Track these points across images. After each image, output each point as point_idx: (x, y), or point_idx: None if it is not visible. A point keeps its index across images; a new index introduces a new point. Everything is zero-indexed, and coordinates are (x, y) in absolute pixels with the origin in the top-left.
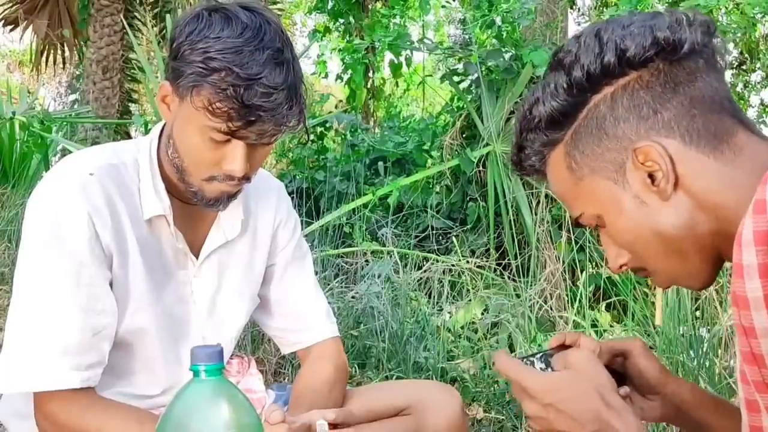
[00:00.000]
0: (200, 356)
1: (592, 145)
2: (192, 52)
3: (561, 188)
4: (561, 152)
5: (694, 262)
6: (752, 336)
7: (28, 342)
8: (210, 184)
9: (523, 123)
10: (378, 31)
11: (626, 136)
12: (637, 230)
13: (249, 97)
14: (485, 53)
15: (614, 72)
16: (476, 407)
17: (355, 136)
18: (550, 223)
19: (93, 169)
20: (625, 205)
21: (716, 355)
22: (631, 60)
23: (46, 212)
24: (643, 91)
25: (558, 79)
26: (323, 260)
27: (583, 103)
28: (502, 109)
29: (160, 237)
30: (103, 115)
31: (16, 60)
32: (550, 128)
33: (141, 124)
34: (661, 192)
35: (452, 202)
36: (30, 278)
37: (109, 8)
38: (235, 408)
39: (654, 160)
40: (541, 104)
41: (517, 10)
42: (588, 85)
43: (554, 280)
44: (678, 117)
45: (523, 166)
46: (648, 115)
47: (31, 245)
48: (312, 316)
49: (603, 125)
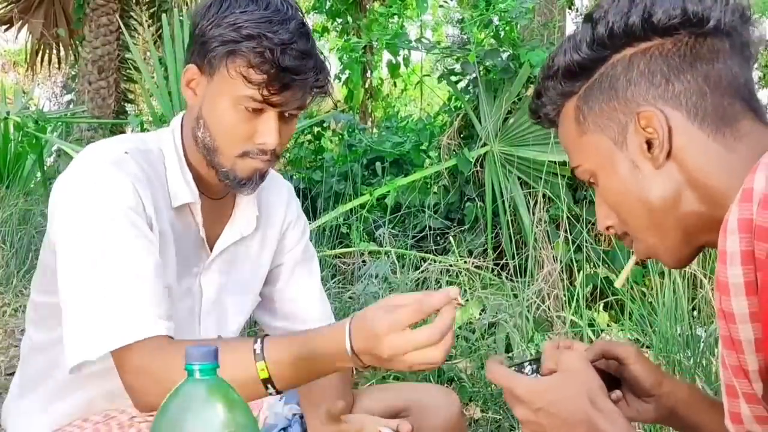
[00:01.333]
0: (194, 355)
1: (601, 102)
2: (219, 27)
3: (565, 138)
4: (573, 104)
5: (673, 238)
6: (731, 321)
7: (106, 302)
8: (243, 161)
9: (544, 71)
10: (376, 31)
11: (635, 99)
12: (626, 193)
13: (284, 61)
14: (483, 53)
15: (637, 34)
16: (473, 407)
17: (352, 136)
18: (547, 223)
19: (126, 149)
20: (620, 166)
21: (713, 354)
22: (656, 26)
23: (88, 185)
24: (662, 59)
25: (583, 32)
26: (320, 261)
27: (602, 60)
28: (499, 109)
29: (184, 227)
30: (99, 115)
31: (10, 60)
32: (567, 79)
33: (137, 124)
34: (654, 159)
35: (450, 202)
36: (91, 243)
37: (105, 8)
38: (229, 408)
39: (654, 127)
40: (563, 54)
41: (515, 9)
42: (609, 43)
43: (552, 280)
44: (688, 91)
45: (539, 113)
46: (660, 83)
47: (78, 216)
48: (316, 320)
49: (615, 85)
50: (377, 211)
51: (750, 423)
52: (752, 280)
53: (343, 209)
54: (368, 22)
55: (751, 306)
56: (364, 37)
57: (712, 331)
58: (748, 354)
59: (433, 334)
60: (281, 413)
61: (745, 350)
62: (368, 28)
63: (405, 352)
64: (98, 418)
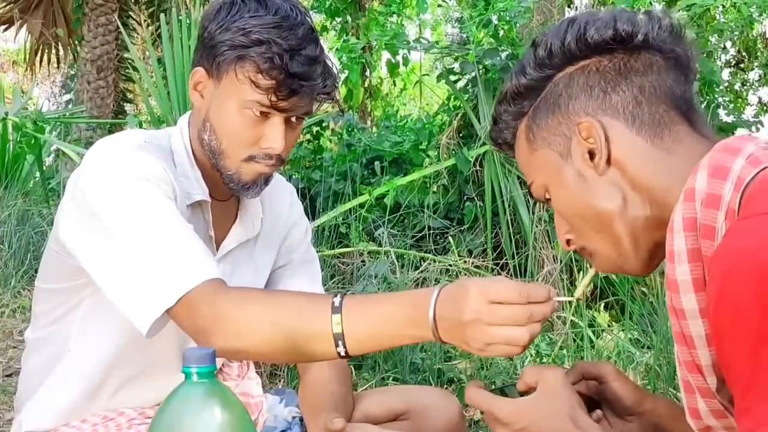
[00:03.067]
0: (192, 358)
1: (546, 119)
2: (229, 31)
3: (520, 158)
4: (524, 125)
5: (625, 244)
6: (682, 317)
7: (156, 257)
8: (248, 165)
9: (498, 96)
10: (375, 30)
11: (576, 112)
12: (575, 203)
13: (293, 67)
14: (482, 52)
15: (575, 53)
16: (473, 409)
17: (351, 136)
18: (547, 223)
19: (146, 140)
20: (567, 177)
21: None
22: (590, 44)
23: (118, 161)
24: (599, 74)
25: (528, 56)
26: (319, 260)
27: (546, 79)
28: None
29: (194, 224)
30: (98, 114)
31: (9, 59)
32: (515, 101)
33: (135, 124)
34: (596, 167)
35: (449, 201)
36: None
37: (104, 7)
38: (227, 411)
39: (593, 136)
40: (510, 79)
41: (514, 9)
42: (549, 62)
43: (552, 280)
44: (624, 101)
45: (498, 140)
46: (598, 95)
47: (114, 186)
48: None
49: (558, 101)
50: (376, 211)
51: (708, 417)
52: (700, 276)
53: (343, 209)
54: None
55: (700, 302)
56: (362, 37)
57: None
58: (699, 348)
59: (522, 312)
60: (281, 415)
61: (697, 345)
62: (367, 28)
63: (488, 323)
64: (96, 420)
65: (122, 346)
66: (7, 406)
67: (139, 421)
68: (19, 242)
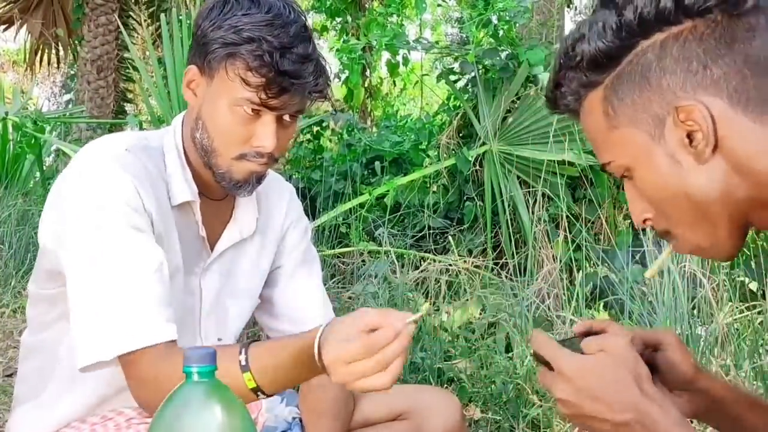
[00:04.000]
0: (193, 358)
1: (632, 94)
2: (221, 29)
3: (593, 133)
4: (599, 96)
5: (721, 231)
6: None
7: (115, 304)
8: (240, 163)
9: (563, 59)
10: (375, 30)
11: (671, 89)
12: (667, 189)
13: (283, 65)
14: (482, 52)
15: (669, 18)
16: (473, 408)
17: (351, 136)
18: (547, 222)
19: (127, 146)
20: (658, 161)
21: (713, 354)
22: (689, 8)
23: (90, 183)
24: (696, 43)
25: (607, 18)
26: (320, 260)
27: (630, 47)
28: (498, 108)
29: (184, 225)
30: (98, 114)
31: (9, 59)
32: (592, 69)
33: (135, 123)
34: (698, 153)
35: (449, 201)
36: (95, 245)
37: (104, 7)
38: (227, 410)
39: (695, 120)
40: (585, 42)
41: (514, 9)
42: (639, 29)
43: (551, 280)
44: (728, 75)
45: (557, 104)
46: (697, 69)
47: (85, 215)
48: (317, 322)
49: (647, 74)
50: (376, 211)
51: None
52: None
53: (343, 209)
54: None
55: None
56: (363, 37)
57: (712, 330)
58: None
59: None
60: (281, 415)
61: None
62: (367, 28)
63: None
64: (95, 420)
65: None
66: (6, 406)
67: (138, 420)
68: (20, 242)
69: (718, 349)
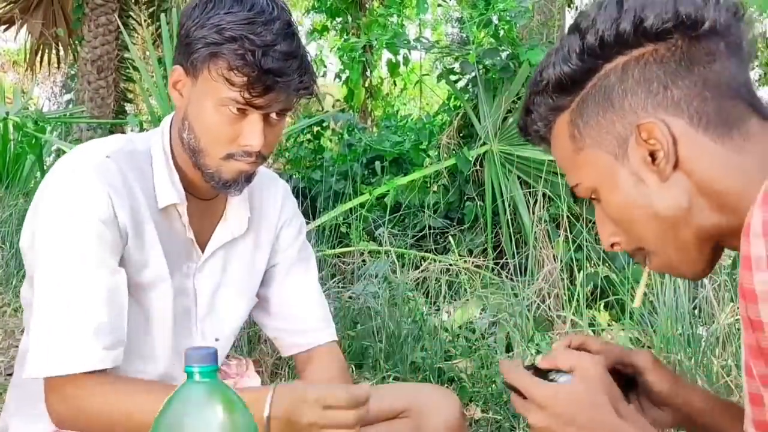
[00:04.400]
0: (194, 358)
1: (596, 116)
2: (203, 28)
3: (561, 156)
4: (565, 119)
5: (689, 248)
6: (759, 330)
7: (58, 324)
8: (227, 163)
9: (532, 85)
10: (375, 30)
11: (633, 109)
12: (632, 209)
13: (266, 63)
14: (482, 52)
15: (629, 41)
16: (474, 407)
17: (352, 136)
18: (547, 222)
19: (109, 152)
20: (623, 181)
21: (714, 354)
22: (648, 31)
23: (63, 194)
24: (657, 65)
25: (572, 43)
26: (320, 260)
27: (593, 70)
28: (499, 108)
29: (172, 228)
30: (98, 115)
31: (10, 59)
32: (558, 93)
33: (136, 123)
34: (660, 172)
35: (449, 201)
36: (53, 261)
37: (104, 7)
38: (229, 410)
39: (656, 139)
40: (551, 67)
41: (515, 9)
42: (601, 52)
43: (552, 279)
44: (689, 97)
45: (528, 131)
46: (658, 90)
47: (51, 228)
48: (313, 320)
49: (610, 96)
50: (377, 211)
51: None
52: None
53: (343, 209)
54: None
55: None
56: (363, 37)
57: (713, 331)
58: None
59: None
60: None
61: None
62: (368, 28)
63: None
64: None
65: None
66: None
67: None
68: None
69: (719, 350)
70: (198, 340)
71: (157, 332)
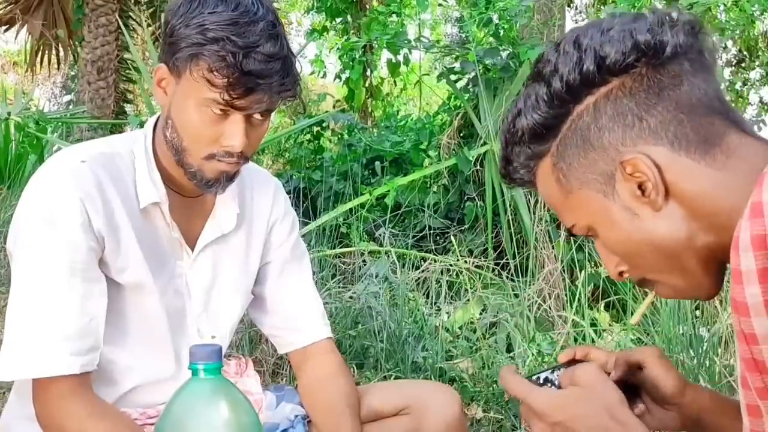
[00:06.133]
0: (199, 355)
1: (578, 157)
2: (187, 27)
3: (551, 199)
4: (548, 164)
5: (695, 273)
6: (753, 342)
7: (28, 329)
8: (209, 163)
9: (507, 136)
10: (376, 30)
11: (612, 146)
12: (631, 242)
13: (248, 65)
14: (482, 52)
15: (595, 81)
16: (475, 407)
17: (352, 136)
18: (548, 222)
19: (85, 157)
20: (617, 216)
21: (716, 354)
22: (612, 67)
23: (38, 200)
24: (627, 98)
25: (538, 91)
26: (320, 260)
27: (565, 114)
28: (499, 107)
29: (155, 227)
30: (98, 115)
31: (10, 60)
32: (534, 141)
33: (136, 124)
34: (651, 203)
35: (450, 201)
36: (27, 266)
37: (104, 8)
38: (233, 407)
39: (642, 171)
40: (523, 117)
41: (515, 7)
42: (569, 96)
43: (553, 280)
44: (665, 123)
45: (512, 178)
46: (633, 123)
47: (26, 234)
48: (308, 317)
49: (588, 136)
50: (377, 211)
51: None
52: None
53: (343, 209)
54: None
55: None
56: (363, 37)
57: (715, 331)
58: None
59: None
60: (282, 413)
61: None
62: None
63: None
64: None
65: (119, 364)
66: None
67: (142, 421)
68: None
69: (722, 350)
70: (195, 338)
71: (153, 333)
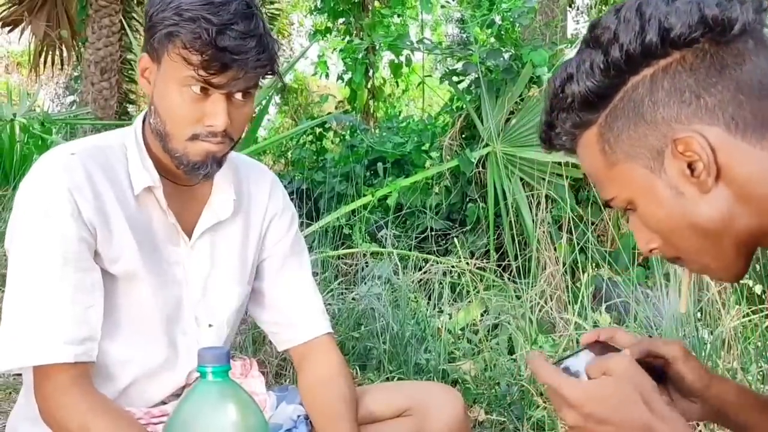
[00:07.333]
0: (207, 358)
1: (628, 130)
2: (164, 11)
3: (593, 170)
4: (594, 133)
5: (729, 255)
6: None
7: (21, 319)
8: (194, 144)
9: (554, 101)
10: (378, 31)
11: (665, 122)
12: (672, 220)
13: (222, 41)
14: (485, 53)
15: (656, 53)
16: (477, 409)
17: (354, 137)
18: (550, 224)
19: (75, 150)
20: (661, 193)
21: (719, 356)
22: (675, 40)
23: (30, 194)
24: (686, 74)
25: (594, 58)
26: (323, 261)
27: (620, 85)
28: (501, 109)
29: (150, 215)
30: (102, 116)
31: (14, 61)
32: (584, 109)
33: None
34: (700, 183)
35: (452, 203)
36: (20, 257)
37: (108, 9)
38: (241, 409)
39: (695, 151)
40: (575, 83)
41: (519, 9)
42: (626, 67)
43: (555, 282)
44: (723, 103)
45: (552, 144)
46: (690, 100)
47: (20, 226)
48: (307, 312)
49: (641, 109)
50: (379, 212)
51: None
52: None
53: (345, 210)
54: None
55: None
56: (366, 38)
57: (718, 334)
58: None
59: None
60: (286, 413)
61: None
62: (371, 29)
63: None
64: None
65: (114, 357)
66: (14, 403)
67: (146, 421)
68: None
69: (724, 353)
70: (192, 326)
71: (146, 323)
